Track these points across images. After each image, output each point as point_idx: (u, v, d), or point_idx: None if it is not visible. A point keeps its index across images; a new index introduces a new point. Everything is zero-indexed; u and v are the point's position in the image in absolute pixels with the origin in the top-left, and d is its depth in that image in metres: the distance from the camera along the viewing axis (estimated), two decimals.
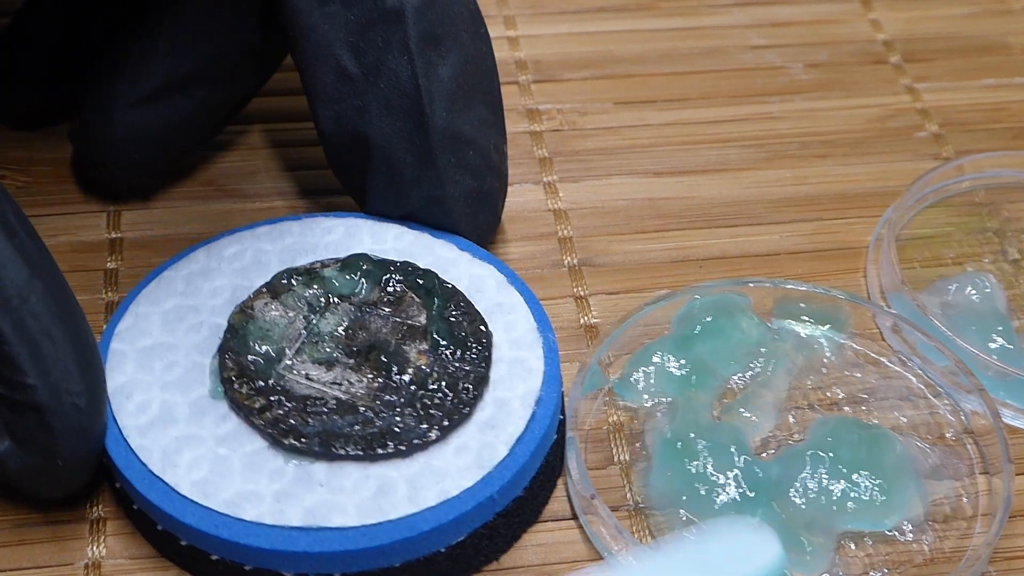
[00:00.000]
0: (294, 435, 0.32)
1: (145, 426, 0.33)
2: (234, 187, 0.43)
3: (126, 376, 0.34)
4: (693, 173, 0.44)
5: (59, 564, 0.33)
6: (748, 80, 0.47)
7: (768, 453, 0.35)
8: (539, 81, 0.47)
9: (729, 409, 0.36)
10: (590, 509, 0.33)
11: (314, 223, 0.38)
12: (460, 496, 0.32)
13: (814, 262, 0.41)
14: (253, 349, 0.34)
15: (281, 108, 0.45)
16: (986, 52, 0.49)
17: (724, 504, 0.33)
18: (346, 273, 0.36)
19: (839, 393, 0.37)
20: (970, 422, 0.36)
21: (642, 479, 0.34)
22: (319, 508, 0.31)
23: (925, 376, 0.37)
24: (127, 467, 0.32)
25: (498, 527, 0.33)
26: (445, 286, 0.36)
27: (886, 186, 0.43)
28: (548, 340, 0.35)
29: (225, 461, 0.32)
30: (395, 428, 0.32)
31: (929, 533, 0.34)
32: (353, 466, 0.32)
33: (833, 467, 0.33)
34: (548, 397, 0.34)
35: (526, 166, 0.44)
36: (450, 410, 0.33)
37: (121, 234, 0.41)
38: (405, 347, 0.34)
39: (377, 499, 0.31)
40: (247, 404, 0.33)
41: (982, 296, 0.38)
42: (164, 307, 0.36)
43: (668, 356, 0.36)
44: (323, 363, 0.34)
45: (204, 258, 0.37)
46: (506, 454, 0.33)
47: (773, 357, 0.36)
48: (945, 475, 0.35)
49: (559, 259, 0.41)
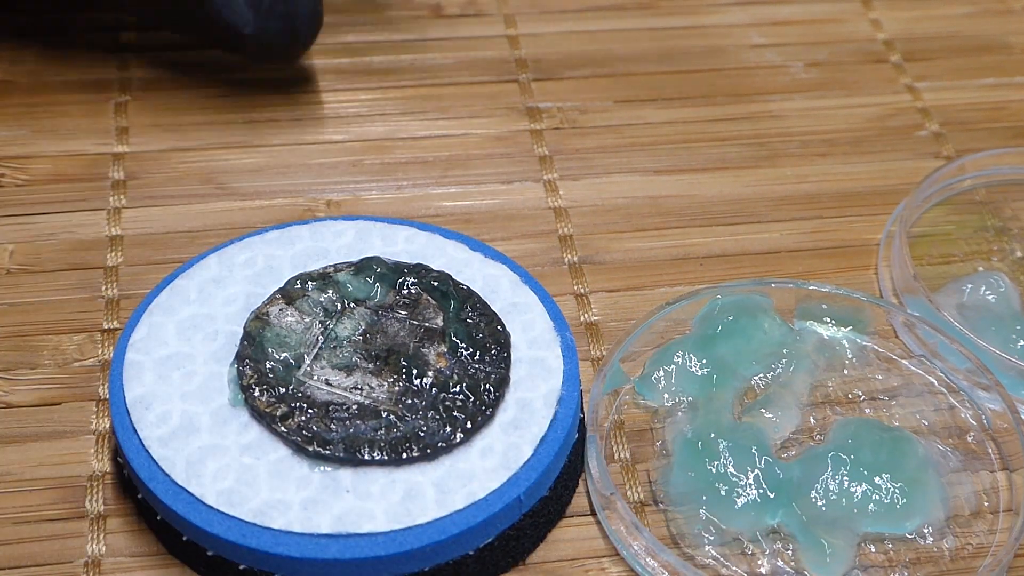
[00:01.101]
0: (318, 441, 0.32)
1: (167, 436, 0.32)
2: (234, 185, 0.42)
3: (144, 387, 0.33)
4: (693, 171, 0.44)
5: (59, 562, 0.33)
6: (748, 79, 0.47)
7: (789, 454, 0.35)
8: (539, 79, 0.47)
9: (750, 409, 0.36)
10: (609, 506, 0.33)
11: (324, 227, 0.38)
12: (487, 498, 0.32)
13: (814, 260, 0.41)
14: (271, 356, 0.34)
15: (280, 109, 0.45)
16: (986, 51, 0.49)
17: (744, 505, 0.33)
18: (360, 277, 0.36)
19: (860, 394, 0.37)
20: (991, 423, 0.36)
21: (663, 478, 0.35)
22: (348, 515, 0.31)
23: (946, 377, 0.37)
24: (151, 478, 0.32)
25: (525, 527, 0.33)
26: (460, 287, 0.36)
27: (886, 185, 0.44)
28: (565, 339, 0.35)
29: (250, 470, 0.32)
30: (419, 432, 0.32)
31: (950, 537, 0.34)
32: (379, 471, 0.32)
33: (854, 469, 0.33)
34: (569, 396, 0.34)
35: (526, 164, 0.44)
36: (473, 412, 0.33)
37: (121, 232, 0.40)
38: (424, 350, 0.34)
39: (405, 503, 0.31)
40: (269, 412, 0.32)
41: (998, 296, 0.38)
42: (179, 316, 0.35)
43: (689, 355, 0.36)
44: (342, 368, 0.34)
45: (216, 265, 0.36)
46: (531, 454, 0.33)
47: (794, 358, 0.37)
48: (966, 477, 0.35)
49: (559, 257, 0.41)
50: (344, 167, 0.43)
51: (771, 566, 0.33)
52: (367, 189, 0.42)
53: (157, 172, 0.42)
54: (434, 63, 0.47)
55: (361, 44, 0.48)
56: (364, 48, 0.48)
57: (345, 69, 0.47)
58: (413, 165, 0.43)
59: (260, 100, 0.45)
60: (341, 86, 0.46)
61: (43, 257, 0.40)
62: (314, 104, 0.45)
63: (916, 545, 0.34)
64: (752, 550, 0.33)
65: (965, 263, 0.41)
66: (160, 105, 0.45)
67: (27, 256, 0.40)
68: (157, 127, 0.44)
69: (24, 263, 0.39)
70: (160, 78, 0.46)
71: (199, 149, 0.43)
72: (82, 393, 0.36)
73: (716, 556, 0.33)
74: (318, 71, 0.46)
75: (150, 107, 0.45)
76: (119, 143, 0.43)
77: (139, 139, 0.43)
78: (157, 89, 0.45)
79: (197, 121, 0.44)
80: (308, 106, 0.45)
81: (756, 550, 0.33)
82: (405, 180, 0.43)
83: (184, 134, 0.44)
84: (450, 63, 0.47)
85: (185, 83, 0.45)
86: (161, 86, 0.45)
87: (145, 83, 0.45)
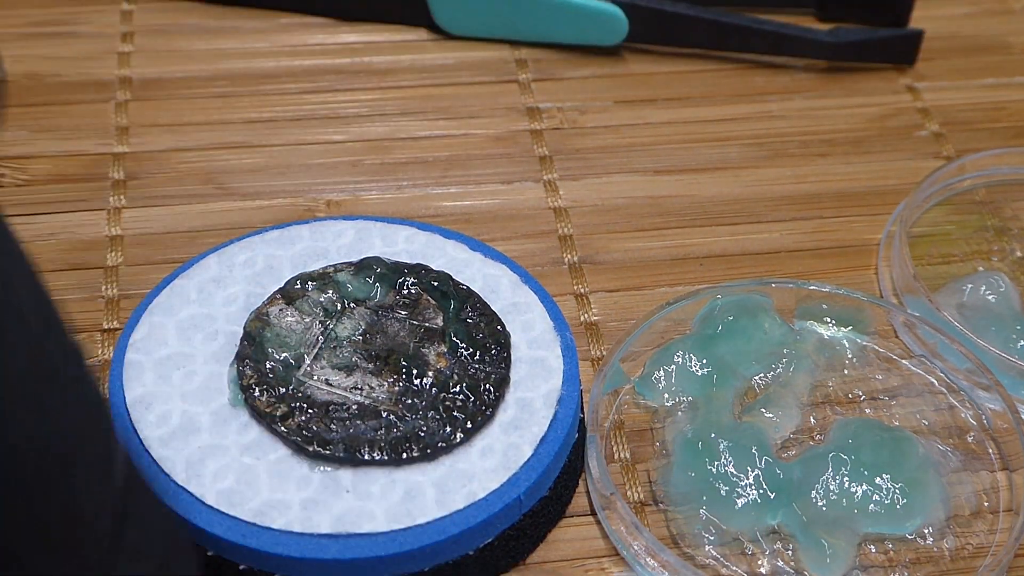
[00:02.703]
0: (318, 442, 0.32)
1: (167, 436, 0.32)
2: (234, 185, 0.42)
3: (144, 387, 0.33)
4: (693, 171, 0.44)
5: None
6: (748, 79, 0.47)
7: (789, 454, 0.35)
8: (539, 80, 0.47)
9: (750, 409, 0.36)
10: (609, 506, 0.33)
11: (324, 227, 0.38)
12: (488, 498, 0.32)
13: (814, 260, 0.41)
14: (271, 356, 0.34)
15: (280, 108, 0.45)
16: (986, 51, 0.49)
17: (745, 505, 0.33)
18: (360, 277, 0.36)
19: (860, 394, 0.37)
20: (991, 423, 0.36)
21: (663, 478, 0.35)
22: (348, 515, 0.31)
23: (946, 377, 0.37)
24: (151, 479, 0.31)
25: (525, 527, 0.33)
26: (460, 287, 0.36)
27: (886, 185, 0.44)
28: (565, 338, 0.35)
29: (250, 470, 0.32)
30: (419, 432, 0.32)
31: (950, 537, 0.34)
32: (379, 471, 0.32)
33: (855, 469, 0.33)
34: (569, 396, 0.34)
35: (526, 164, 0.44)
36: (473, 412, 0.33)
37: (121, 231, 0.40)
38: (424, 350, 0.34)
39: (405, 504, 0.31)
40: (269, 412, 0.32)
41: (998, 296, 0.38)
42: (178, 316, 0.35)
43: (690, 355, 0.36)
44: (342, 368, 0.34)
45: (216, 265, 0.36)
46: (531, 454, 0.33)
47: (795, 358, 0.37)
48: (967, 477, 0.35)
49: (559, 257, 0.41)
50: (344, 167, 0.43)
51: (771, 566, 0.33)
52: (367, 189, 0.42)
53: (157, 172, 0.42)
54: (434, 63, 0.47)
55: (361, 44, 0.48)
56: (364, 48, 0.48)
57: (345, 69, 0.47)
58: (413, 165, 0.43)
59: (260, 100, 0.45)
60: (341, 86, 0.46)
61: (43, 257, 0.40)
62: (314, 104, 0.45)
63: (916, 545, 0.33)
64: (752, 550, 0.33)
65: (965, 263, 0.41)
66: (160, 105, 0.45)
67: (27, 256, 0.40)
68: (157, 127, 0.44)
69: None
70: (160, 78, 0.46)
71: (199, 149, 0.43)
72: None
73: (716, 556, 0.33)
74: (318, 71, 0.46)
75: (150, 107, 0.45)
76: (119, 143, 0.43)
77: (139, 139, 0.43)
78: (157, 89, 0.45)
79: (197, 121, 0.44)
80: (308, 106, 0.45)
81: (756, 550, 0.33)
82: (405, 180, 0.43)
83: (184, 134, 0.44)
84: (450, 63, 0.47)
85: (185, 83, 0.46)
86: (161, 86, 0.45)
87: (145, 83, 0.45)
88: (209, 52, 0.47)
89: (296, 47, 0.47)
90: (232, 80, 0.46)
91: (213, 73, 0.46)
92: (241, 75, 0.46)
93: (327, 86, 0.46)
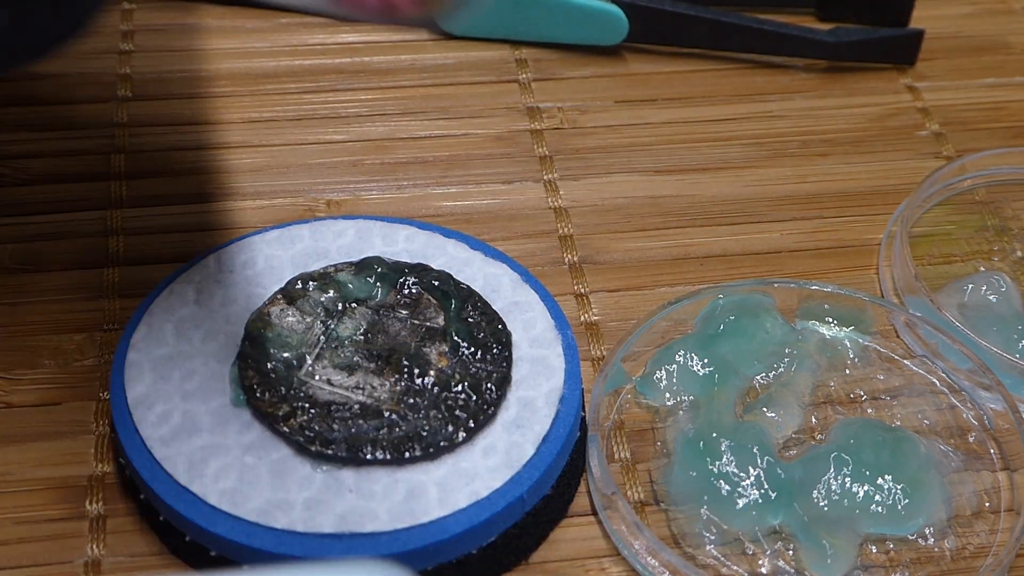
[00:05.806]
0: (320, 441, 0.32)
1: (168, 436, 0.32)
2: (234, 185, 0.42)
3: (145, 386, 0.33)
4: (694, 171, 0.44)
5: (59, 562, 0.33)
6: (748, 79, 0.47)
7: (791, 454, 0.35)
8: (539, 79, 0.47)
9: (752, 409, 0.36)
10: (611, 506, 0.33)
11: (324, 226, 0.38)
12: (490, 497, 0.32)
13: (815, 260, 0.41)
14: (273, 356, 0.34)
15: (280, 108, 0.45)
16: (986, 51, 0.49)
17: (746, 504, 0.33)
18: (361, 276, 0.36)
19: (862, 394, 0.37)
20: (992, 423, 0.36)
21: (664, 477, 0.35)
22: (351, 514, 0.31)
23: (947, 377, 0.37)
24: (153, 479, 0.32)
25: (527, 526, 0.33)
26: (461, 287, 0.36)
27: (887, 184, 0.44)
28: (566, 337, 0.35)
29: (252, 470, 0.32)
30: (421, 431, 0.32)
31: (952, 537, 0.34)
32: (381, 471, 0.32)
33: (856, 469, 0.33)
34: (571, 394, 0.34)
35: (526, 164, 0.44)
36: (475, 411, 0.33)
37: (121, 230, 0.40)
38: (425, 349, 0.34)
39: (408, 503, 0.31)
40: (271, 411, 0.32)
41: (999, 296, 0.38)
42: (178, 316, 0.35)
43: (691, 355, 0.36)
44: (344, 368, 0.34)
45: (215, 265, 0.36)
46: (533, 453, 0.33)
47: (796, 357, 0.37)
48: (968, 477, 0.35)
49: (559, 257, 0.41)
50: (344, 167, 0.43)
51: (772, 566, 0.33)
52: (367, 189, 0.42)
53: (157, 172, 0.42)
54: (434, 63, 0.47)
55: (361, 44, 0.48)
56: (364, 48, 0.48)
57: (345, 69, 0.47)
58: (413, 165, 0.43)
59: (260, 100, 0.45)
60: (341, 86, 0.46)
61: (43, 257, 0.40)
62: (314, 104, 0.45)
63: (917, 545, 0.33)
64: (753, 550, 0.33)
65: (966, 263, 0.41)
66: (160, 104, 0.45)
67: (27, 256, 0.40)
68: (157, 126, 0.44)
69: (24, 263, 0.39)
70: (160, 77, 0.46)
71: (199, 149, 0.43)
72: (82, 393, 0.36)
73: (717, 556, 0.33)
74: (318, 71, 0.46)
75: (150, 106, 0.45)
76: (119, 142, 0.43)
77: (139, 138, 0.43)
78: (157, 88, 0.45)
79: (197, 121, 0.44)
80: (308, 106, 0.45)
81: (757, 550, 0.33)
82: (405, 180, 0.43)
83: (184, 134, 0.44)
84: (450, 63, 0.47)
85: (185, 82, 0.45)
86: (161, 85, 0.45)
87: (145, 82, 0.45)
88: (209, 52, 0.47)
89: (296, 47, 0.47)
90: (232, 80, 0.46)
91: (213, 73, 0.46)
92: (241, 75, 0.46)
93: (327, 86, 0.46)
